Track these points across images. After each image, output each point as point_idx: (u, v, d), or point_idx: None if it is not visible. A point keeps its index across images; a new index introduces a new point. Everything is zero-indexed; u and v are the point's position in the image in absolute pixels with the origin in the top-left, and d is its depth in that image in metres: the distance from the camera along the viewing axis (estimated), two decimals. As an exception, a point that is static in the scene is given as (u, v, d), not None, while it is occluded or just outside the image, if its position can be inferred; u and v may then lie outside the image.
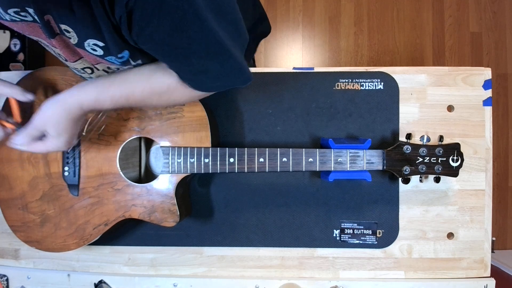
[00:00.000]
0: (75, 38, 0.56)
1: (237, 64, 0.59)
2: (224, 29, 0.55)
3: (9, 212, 0.79)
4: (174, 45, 0.54)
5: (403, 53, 1.93)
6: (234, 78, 0.61)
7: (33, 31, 0.59)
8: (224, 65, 0.58)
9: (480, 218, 0.84)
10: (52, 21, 0.54)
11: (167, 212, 0.75)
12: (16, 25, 0.58)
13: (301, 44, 1.94)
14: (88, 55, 0.59)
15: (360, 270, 0.85)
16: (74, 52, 0.61)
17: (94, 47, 0.56)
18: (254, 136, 0.85)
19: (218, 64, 0.57)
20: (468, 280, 0.84)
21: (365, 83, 0.84)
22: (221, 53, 0.56)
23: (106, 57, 0.59)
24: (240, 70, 0.60)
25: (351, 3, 1.93)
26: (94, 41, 0.55)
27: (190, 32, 0.52)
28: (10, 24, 0.58)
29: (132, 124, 0.76)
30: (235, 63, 0.59)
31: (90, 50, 0.57)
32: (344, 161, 0.75)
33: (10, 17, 0.56)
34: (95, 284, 0.86)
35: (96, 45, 0.56)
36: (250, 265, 0.86)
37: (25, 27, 0.58)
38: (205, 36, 0.53)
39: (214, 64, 0.57)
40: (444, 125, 0.84)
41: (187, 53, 0.55)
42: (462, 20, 1.91)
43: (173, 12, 0.49)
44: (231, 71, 0.60)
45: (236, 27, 0.58)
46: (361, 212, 0.84)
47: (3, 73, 0.88)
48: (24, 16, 0.55)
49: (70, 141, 0.65)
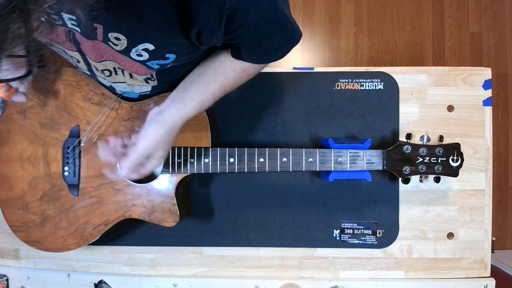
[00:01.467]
0: (122, 45, 0.55)
1: (293, 26, 0.62)
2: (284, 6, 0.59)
3: (9, 212, 0.79)
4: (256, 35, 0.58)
5: (403, 53, 1.92)
6: (292, 41, 0.65)
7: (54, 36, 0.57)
8: (285, 35, 0.62)
9: (480, 218, 0.84)
10: (101, 29, 0.53)
11: (167, 212, 0.75)
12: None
13: (301, 44, 1.94)
14: (128, 61, 0.59)
15: (360, 270, 0.85)
16: (102, 55, 0.60)
17: (142, 52, 0.56)
18: (254, 136, 0.85)
19: (281, 37, 0.62)
20: (468, 280, 0.84)
21: (365, 83, 0.84)
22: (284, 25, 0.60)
23: (148, 62, 0.59)
24: (296, 31, 0.64)
25: (351, 3, 1.93)
26: (145, 45, 0.55)
27: (267, 19, 0.56)
28: None
29: (132, 124, 0.76)
30: (293, 29, 0.62)
31: (135, 57, 0.57)
32: (344, 161, 0.75)
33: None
34: (95, 284, 0.86)
35: (145, 49, 0.56)
36: (250, 265, 0.86)
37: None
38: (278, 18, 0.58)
39: (279, 38, 0.62)
40: (444, 125, 0.84)
41: (263, 37, 0.60)
42: (462, 20, 1.91)
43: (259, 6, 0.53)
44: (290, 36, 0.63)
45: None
46: (361, 212, 0.84)
47: (3, 73, 0.88)
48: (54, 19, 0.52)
49: (167, 154, 0.67)
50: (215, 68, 0.67)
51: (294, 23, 0.62)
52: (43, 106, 0.78)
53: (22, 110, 0.78)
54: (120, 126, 0.77)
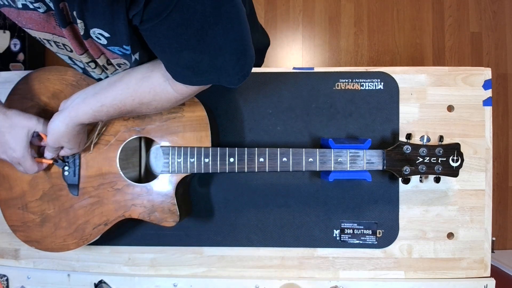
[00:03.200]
0: (82, 27, 0.56)
1: (226, 63, 0.59)
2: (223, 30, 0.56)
3: (9, 212, 0.79)
4: (173, 38, 0.55)
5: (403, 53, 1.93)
6: (220, 75, 0.62)
7: (40, 23, 0.59)
8: (214, 60, 0.59)
9: (480, 218, 0.84)
10: (67, 8, 0.54)
11: (167, 212, 0.75)
12: (25, 14, 0.57)
13: (301, 44, 1.94)
14: (92, 45, 0.60)
15: (360, 270, 0.85)
16: (81, 44, 0.62)
17: (99, 36, 0.57)
18: (254, 136, 0.85)
19: (208, 59, 0.58)
20: (468, 280, 0.84)
21: (365, 83, 0.84)
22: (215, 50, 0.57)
23: (109, 46, 0.59)
24: (228, 71, 0.61)
25: (351, 3, 1.93)
26: (99, 30, 0.55)
27: (193, 29, 0.53)
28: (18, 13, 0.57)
29: (132, 124, 0.76)
30: (225, 62, 0.59)
31: (95, 38, 0.58)
32: (344, 161, 0.75)
33: (22, 3, 0.55)
34: (95, 284, 0.86)
35: (101, 34, 0.56)
36: (250, 265, 0.86)
37: (33, 18, 0.58)
38: (205, 34, 0.54)
39: (204, 59, 0.58)
40: (444, 125, 0.84)
41: (183, 47, 0.56)
42: (462, 20, 1.91)
43: (185, 10, 0.51)
44: (220, 68, 0.60)
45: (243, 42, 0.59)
46: (361, 212, 0.84)
47: (3, 73, 0.88)
48: (37, 6, 0.55)
49: (81, 144, 0.74)
50: (137, 77, 0.65)
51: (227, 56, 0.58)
52: (43, 106, 0.78)
53: (23, 110, 0.78)
54: (120, 126, 0.77)
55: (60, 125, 0.67)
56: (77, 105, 0.67)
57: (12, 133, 0.69)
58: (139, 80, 0.65)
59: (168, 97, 0.65)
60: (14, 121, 0.69)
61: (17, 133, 0.69)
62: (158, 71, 0.64)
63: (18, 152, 0.69)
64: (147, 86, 0.65)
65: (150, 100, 0.66)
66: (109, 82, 0.67)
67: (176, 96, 0.65)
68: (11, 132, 0.68)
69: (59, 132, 0.67)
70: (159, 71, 0.64)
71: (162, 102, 0.66)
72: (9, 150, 0.69)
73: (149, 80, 0.65)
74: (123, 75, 0.67)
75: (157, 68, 0.65)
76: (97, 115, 0.66)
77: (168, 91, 0.65)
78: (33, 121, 0.70)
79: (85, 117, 0.66)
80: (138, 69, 0.67)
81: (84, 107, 0.66)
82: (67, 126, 0.67)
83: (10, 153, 0.70)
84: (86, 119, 0.67)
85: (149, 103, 0.66)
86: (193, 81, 0.62)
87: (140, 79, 0.65)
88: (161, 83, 0.64)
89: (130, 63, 0.65)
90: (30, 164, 0.71)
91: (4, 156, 0.71)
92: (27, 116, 0.70)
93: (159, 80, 0.64)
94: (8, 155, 0.70)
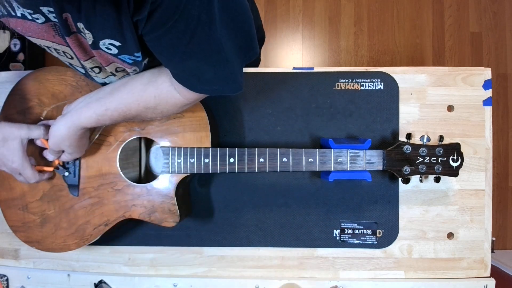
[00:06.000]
0: (90, 38, 0.56)
1: (232, 74, 0.61)
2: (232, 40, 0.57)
3: (9, 212, 0.79)
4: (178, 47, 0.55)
5: (403, 53, 1.93)
6: (225, 85, 0.63)
7: (39, 32, 0.59)
8: (218, 73, 0.60)
9: (480, 218, 0.84)
10: (70, 19, 0.54)
11: (167, 212, 0.75)
12: (23, 24, 0.57)
13: (301, 44, 1.94)
14: (102, 54, 0.60)
15: (360, 270, 0.85)
16: (86, 51, 0.62)
17: (110, 46, 0.57)
18: (254, 136, 0.85)
19: (212, 71, 0.60)
20: (468, 280, 0.84)
21: (365, 83, 0.84)
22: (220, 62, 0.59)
23: (120, 55, 0.59)
24: (233, 80, 0.63)
25: (351, 3, 1.93)
26: (110, 41, 0.56)
27: (197, 39, 0.54)
28: (17, 22, 0.57)
29: (132, 124, 0.76)
30: (230, 73, 0.61)
31: (104, 49, 0.58)
32: (344, 161, 0.75)
33: (20, 13, 0.55)
34: (95, 284, 0.86)
35: (112, 44, 0.56)
36: (250, 265, 0.86)
37: (32, 28, 0.58)
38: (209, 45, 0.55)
39: (209, 70, 0.59)
40: (444, 125, 0.84)
41: (187, 56, 0.57)
42: (462, 20, 1.91)
43: (190, 20, 0.51)
44: (224, 79, 0.62)
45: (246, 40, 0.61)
46: (361, 212, 0.84)
47: (3, 73, 0.88)
48: (36, 17, 0.55)
49: (82, 150, 0.73)
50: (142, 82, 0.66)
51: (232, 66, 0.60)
52: (43, 106, 0.78)
53: (22, 110, 0.78)
54: (120, 126, 0.77)
55: (62, 129, 0.67)
56: (81, 109, 0.67)
57: (6, 146, 0.69)
58: (145, 84, 0.65)
59: (174, 101, 0.65)
60: (5, 134, 0.68)
61: (10, 145, 0.69)
62: (164, 76, 0.64)
63: (17, 162, 0.69)
64: (153, 91, 0.65)
65: (156, 104, 0.66)
66: (113, 87, 0.67)
67: (182, 101, 0.65)
68: (4, 145, 0.69)
69: (61, 136, 0.67)
70: (165, 76, 0.64)
71: (167, 106, 0.66)
72: (8, 162, 0.70)
73: (155, 84, 0.65)
74: (127, 80, 0.67)
75: (163, 73, 0.65)
76: (101, 119, 0.66)
77: (174, 95, 0.65)
78: (24, 129, 0.69)
79: (88, 121, 0.66)
80: (144, 74, 0.67)
81: (88, 111, 0.66)
82: (69, 130, 0.67)
83: (10, 165, 0.70)
84: (89, 124, 0.67)
85: (155, 108, 0.66)
86: (198, 88, 0.62)
87: (146, 84, 0.65)
88: (167, 88, 0.64)
89: (140, 69, 0.66)
90: (31, 172, 0.71)
91: (4, 169, 0.71)
92: (17, 125, 0.70)
93: (165, 84, 0.64)
94: (8, 167, 0.70)
